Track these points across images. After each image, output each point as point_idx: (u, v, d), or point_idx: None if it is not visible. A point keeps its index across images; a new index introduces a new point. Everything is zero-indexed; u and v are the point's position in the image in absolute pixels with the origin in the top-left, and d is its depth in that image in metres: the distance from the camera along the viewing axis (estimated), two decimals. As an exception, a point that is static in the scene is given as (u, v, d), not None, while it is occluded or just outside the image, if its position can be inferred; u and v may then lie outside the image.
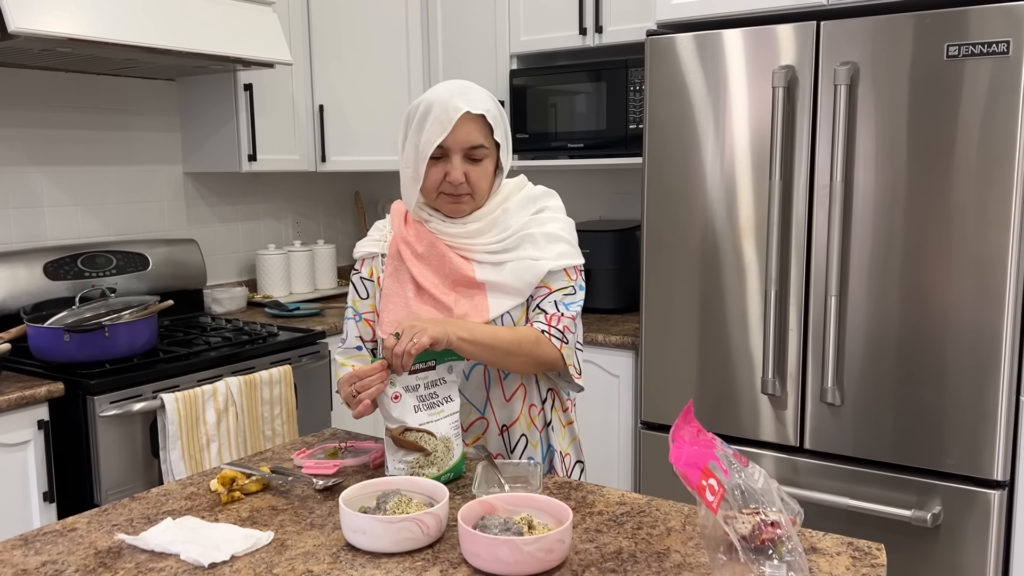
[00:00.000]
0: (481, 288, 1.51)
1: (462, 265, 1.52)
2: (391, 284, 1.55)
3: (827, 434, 2.22)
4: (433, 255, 1.53)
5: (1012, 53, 1.89)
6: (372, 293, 1.61)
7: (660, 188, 2.40)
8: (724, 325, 2.34)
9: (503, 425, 1.58)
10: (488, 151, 1.51)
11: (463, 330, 1.41)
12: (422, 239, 1.54)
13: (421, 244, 1.53)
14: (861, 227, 2.12)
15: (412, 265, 1.53)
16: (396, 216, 1.59)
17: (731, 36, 2.24)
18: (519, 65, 3.07)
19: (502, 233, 1.53)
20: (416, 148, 1.47)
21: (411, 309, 1.52)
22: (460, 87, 1.50)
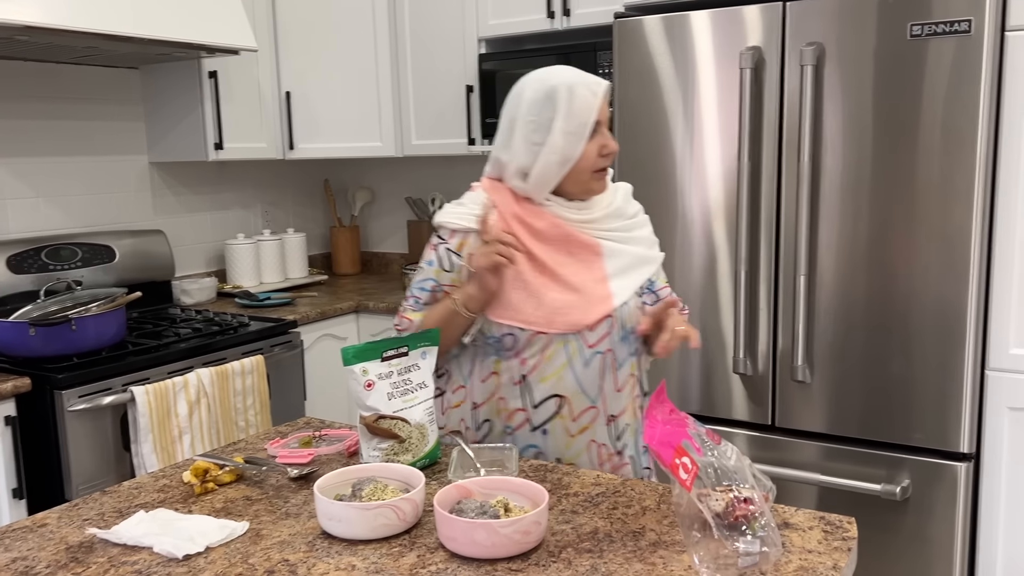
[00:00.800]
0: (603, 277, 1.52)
1: (590, 243, 1.53)
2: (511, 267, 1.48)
3: (798, 411, 2.25)
4: (557, 234, 1.51)
5: (973, 31, 1.91)
6: (456, 268, 1.54)
7: (630, 171, 2.41)
8: (696, 306, 2.36)
9: (611, 415, 1.56)
10: None
11: None
12: (542, 218, 1.51)
13: (542, 223, 1.51)
14: (829, 206, 2.14)
15: (532, 244, 1.50)
16: (498, 193, 1.54)
17: (698, 18, 2.24)
18: (488, 49, 3.05)
19: (619, 222, 1.57)
20: (566, 132, 1.45)
21: (530, 288, 1.49)
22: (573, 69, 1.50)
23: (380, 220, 3.80)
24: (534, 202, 1.52)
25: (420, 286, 1.58)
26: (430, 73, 3.16)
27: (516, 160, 1.49)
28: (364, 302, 3.07)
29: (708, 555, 1.06)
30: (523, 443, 1.54)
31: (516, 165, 1.49)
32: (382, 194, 3.77)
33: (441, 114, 3.16)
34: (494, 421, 1.56)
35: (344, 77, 3.21)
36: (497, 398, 1.54)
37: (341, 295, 3.22)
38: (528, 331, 1.49)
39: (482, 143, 3.06)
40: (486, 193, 1.55)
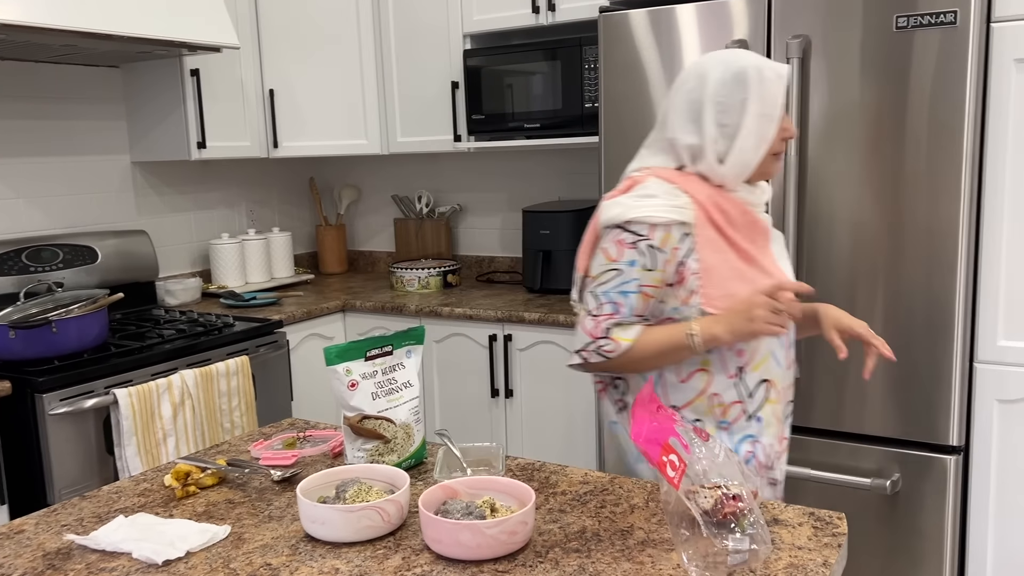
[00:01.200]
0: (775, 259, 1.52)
1: (766, 228, 1.52)
2: (711, 255, 1.43)
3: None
4: (746, 220, 1.47)
5: (959, 23, 1.90)
6: (659, 264, 1.42)
7: (617, 167, 2.39)
8: (684, 302, 2.34)
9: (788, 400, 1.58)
10: None
11: None
12: (735, 206, 1.46)
13: (735, 211, 1.46)
14: (816, 200, 2.13)
15: (732, 233, 1.45)
16: (690, 183, 1.45)
17: (684, 11, 2.23)
18: (473, 45, 3.03)
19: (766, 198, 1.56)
20: (760, 115, 1.42)
21: (744, 276, 1.44)
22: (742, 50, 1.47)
23: (366, 218, 3.78)
24: (725, 189, 1.47)
25: (621, 290, 1.44)
26: (415, 70, 3.13)
27: (710, 144, 1.43)
28: (351, 301, 3.04)
29: (697, 553, 1.05)
30: (739, 434, 1.48)
31: (712, 149, 1.44)
32: (368, 192, 3.75)
33: (427, 111, 3.14)
34: (704, 420, 1.48)
35: (328, 74, 3.18)
36: (708, 395, 1.47)
37: (327, 294, 3.20)
38: None
39: (468, 139, 3.04)
40: (672, 183, 1.45)
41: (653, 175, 1.48)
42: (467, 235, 3.52)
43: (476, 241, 3.50)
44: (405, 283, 3.20)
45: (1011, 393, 2.04)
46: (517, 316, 2.71)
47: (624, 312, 1.44)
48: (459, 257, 3.53)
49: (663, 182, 1.46)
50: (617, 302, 1.44)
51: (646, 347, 1.43)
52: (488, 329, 2.79)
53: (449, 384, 2.91)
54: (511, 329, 2.75)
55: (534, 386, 2.75)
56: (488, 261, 3.47)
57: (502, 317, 2.74)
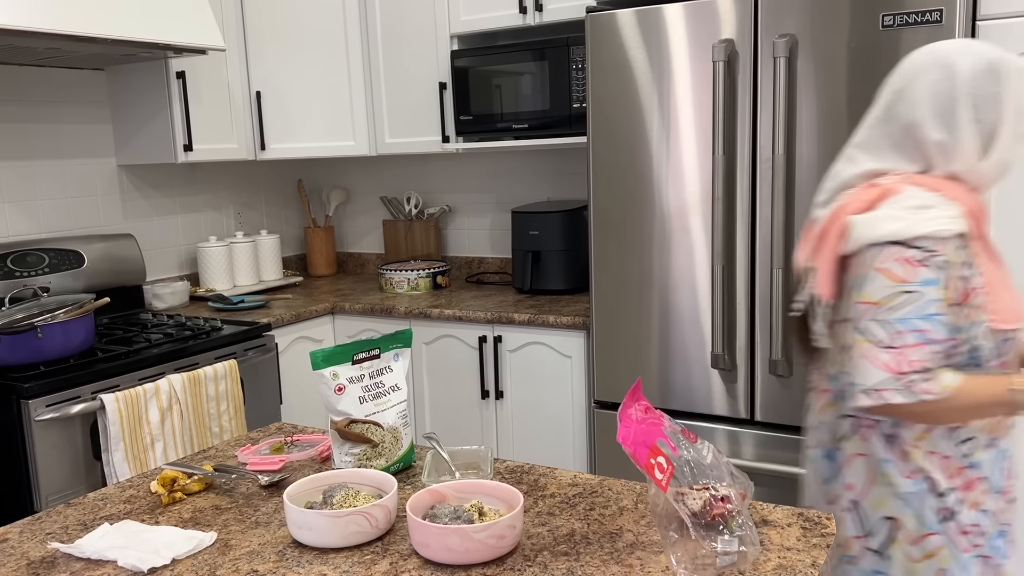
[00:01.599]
0: None
1: None
2: (988, 267, 1.33)
3: (777, 406, 2.24)
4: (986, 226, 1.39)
5: (945, 21, 1.91)
6: (949, 283, 1.30)
7: (606, 167, 2.39)
8: (674, 302, 2.35)
9: None
10: None
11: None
12: (984, 211, 1.37)
13: (983, 217, 1.37)
14: (804, 199, 2.13)
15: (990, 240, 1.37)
16: (953, 190, 1.34)
17: (671, 10, 2.23)
18: (460, 46, 3.02)
19: None
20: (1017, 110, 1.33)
21: (1009, 288, 1.35)
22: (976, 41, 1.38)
23: (355, 220, 3.76)
24: (976, 191, 1.37)
25: (922, 315, 1.28)
26: (403, 71, 3.13)
27: (968, 141, 1.32)
28: (340, 303, 3.03)
29: (686, 555, 1.04)
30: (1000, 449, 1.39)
31: (971, 147, 1.33)
32: (357, 194, 3.73)
33: (415, 112, 3.13)
34: (978, 437, 1.37)
35: (316, 76, 3.17)
36: None
37: (316, 296, 3.18)
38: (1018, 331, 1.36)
39: (456, 140, 3.03)
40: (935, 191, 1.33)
41: (908, 182, 1.35)
42: (456, 236, 3.51)
43: (465, 242, 3.49)
44: (394, 285, 3.19)
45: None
46: (507, 317, 2.70)
47: (936, 340, 1.28)
48: (448, 258, 3.52)
49: (925, 191, 1.33)
50: (923, 329, 1.28)
51: (965, 397, 1.27)
52: (478, 330, 2.78)
53: (439, 386, 2.90)
54: (501, 330, 2.74)
55: (524, 387, 2.74)
56: (477, 262, 3.46)
57: (491, 318, 2.73)
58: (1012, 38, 1.92)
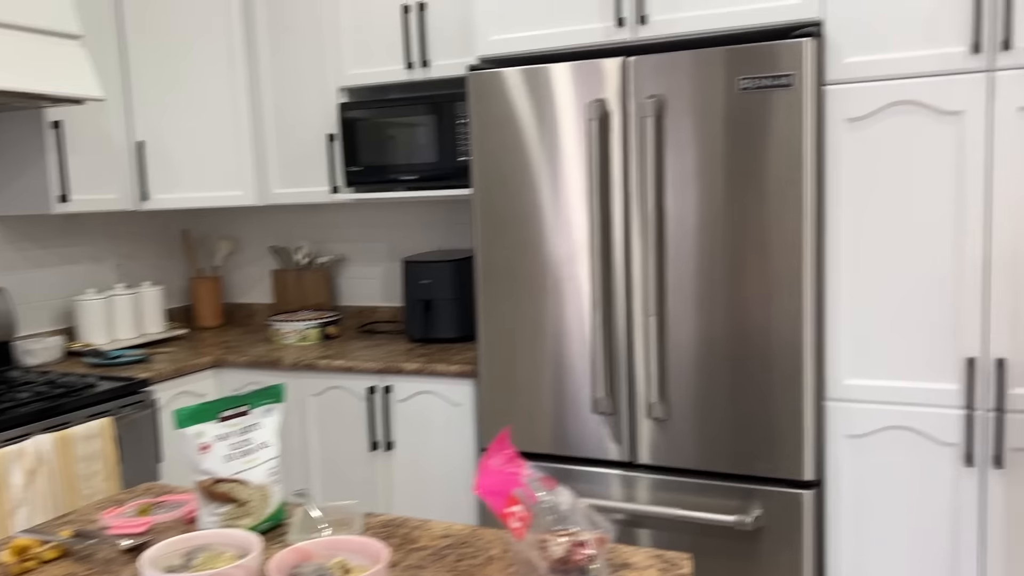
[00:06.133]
0: None
1: None
2: None
3: (657, 448, 2.31)
4: None
5: (795, 85, 2.06)
6: None
7: (491, 218, 2.45)
8: (558, 349, 2.40)
9: None
10: None
11: None
12: None
13: None
14: (675, 250, 2.23)
15: None
16: None
17: (547, 71, 2.32)
18: (349, 98, 3.05)
19: None
20: None
21: None
22: None
23: (244, 270, 3.70)
24: None
25: None
26: (291, 121, 3.13)
27: None
28: (224, 356, 2.96)
29: (544, 603, 1.07)
30: None
31: None
32: (245, 243, 3.68)
33: (303, 162, 3.13)
34: None
35: (202, 126, 3.14)
36: None
37: (201, 349, 3.11)
38: None
39: (346, 191, 3.04)
40: None
41: None
42: (348, 285, 3.50)
43: (358, 291, 3.49)
44: (283, 336, 3.14)
45: (859, 428, 2.18)
46: (396, 367, 2.71)
47: None
48: (340, 308, 3.50)
49: None
50: None
51: None
52: (367, 381, 2.77)
53: (328, 439, 2.87)
54: (390, 380, 2.74)
55: (415, 438, 2.74)
56: (370, 311, 3.45)
57: (381, 368, 2.73)
58: (853, 102, 2.09)
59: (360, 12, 2.94)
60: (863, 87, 2.08)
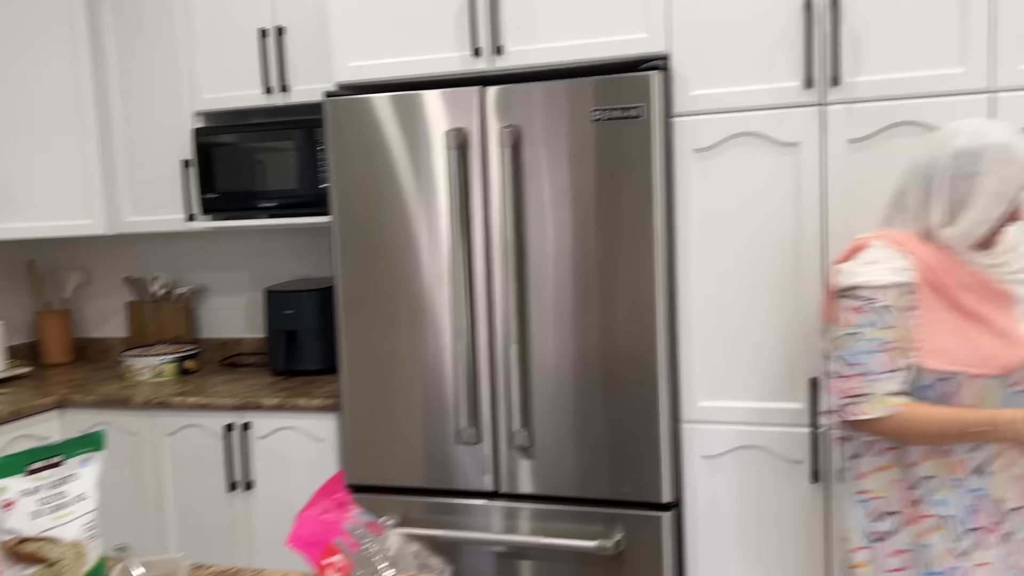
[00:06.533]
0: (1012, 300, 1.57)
1: (1003, 290, 1.58)
2: (929, 314, 1.56)
3: (519, 477, 2.30)
4: (976, 283, 1.57)
5: (644, 116, 2.12)
6: (896, 323, 1.57)
7: (351, 246, 2.40)
8: (422, 379, 2.37)
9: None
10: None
11: None
12: (962, 268, 1.58)
13: (962, 273, 1.57)
14: (535, 278, 2.24)
15: (958, 293, 1.56)
16: (915, 245, 1.59)
17: (406, 99, 2.30)
18: (205, 122, 2.94)
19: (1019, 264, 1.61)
20: (992, 193, 1.52)
21: (961, 333, 1.55)
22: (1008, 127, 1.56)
23: (96, 302, 3.49)
24: (952, 251, 1.58)
25: (865, 351, 1.58)
26: (144, 147, 2.99)
27: (935, 208, 1.56)
28: (71, 395, 2.78)
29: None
30: (968, 488, 1.58)
31: (939, 215, 1.56)
32: (98, 274, 3.48)
33: (157, 189, 2.99)
34: (940, 476, 1.59)
35: (47, 153, 2.95)
36: (942, 450, 1.58)
37: (45, 388, 2.90)
38: (965, 374, 1.54)
39: (203, 218, 2.92)
40: (898, 245, 1.59)
41: (879, 237, 1.62)
42: (210, 316, 3.35)
43: (220, 323, 3.35)
44: (136, 372, 2.97)
45: (713, 449, 2.23)
46: (255, 402, 2.60)
47: (872, 372, 1.57)
48: (201, 340, 3.35)
49: (888, 245, 1.60)
50: (858, 363, 1.58)
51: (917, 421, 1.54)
52: (224, 418, 2.65)
53: (183, 481, 2.72)
54: (249, 416, 2.63)
55: (276, 476, 2.63)
56: (233, 343, 3.32)
57: (239, 404, 2.62)
58: (699, 133, 2.17)
59: (216, 35, 2.85)
60: (708, 119, 2.16)
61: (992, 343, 1.55)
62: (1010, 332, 1.56)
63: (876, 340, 1.57)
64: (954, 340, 1.56)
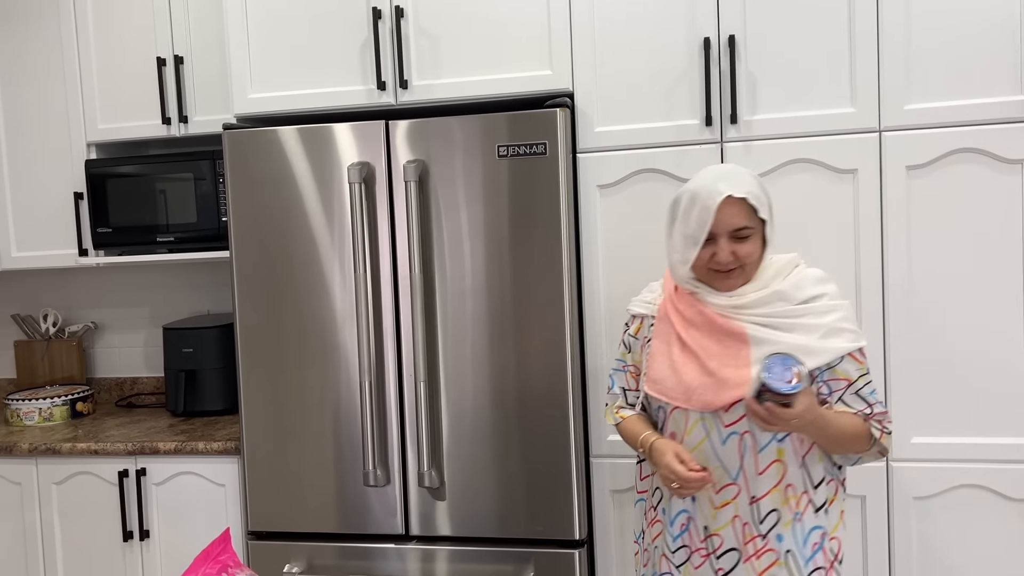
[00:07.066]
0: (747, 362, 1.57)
1: (731, 324, 1.60)
2: (657, 344, 1.68)
3: (430, 518, 2.25)
4: (702, 321, 1.62)
5: (549, 153, 2.12)
6: (635, 349, 1.77)
7: (250, 282, 2.32)
8: (328, 419, 2.30)
9: (753, 496, 1.61)
10: (753, 229, 1.59)
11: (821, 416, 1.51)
12: (691, 307, 1.64)
13: (690, 311, 1.64)
14: (446, 313, 2.21)
15: (681, 328, 1.64)
16: (668, 283, 1.72)
17: (310, 132, 2.25)
18: (100, 154, 2.82)
19: (772, 308, 1.59)
20: (684, 236, 1.60)
21: (675, 366, 1.63)
22: (722, 172, 1.60)
23: (-20, 342, 3.29)
24: (689, 291, 1.66)
25: (614, 367, 1.84)
26: (32, 179, 2.83)
27: (668, 252, 1.67)
28: (-53, 444, 2.59)
29: None
30: (677, 508, 1.68)
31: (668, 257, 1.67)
32: (-18, 312, 3.27)
33: (47, 223, 2.84)
34: (661, 488, 1.72)
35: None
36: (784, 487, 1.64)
37: (-81, 437, 2.69)
38: (670, 404, 1.64)
39: (96, 254, 2.78)
40: (664, 280, 1.75)
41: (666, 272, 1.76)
42: (105, 355, 3.19)
43: (116, 362, 3.19)
44: (23, 416, 2.80)
45: (621, 483, 2.23)
46: (151, 447, 2.47)
47: (614, 388, 1.83)
48: (96, 380, 3.18)
49: (661, 280, 1.78)
50: (612, 378, 1.84)
51: (627, 431, 1.75)
52: (118, 464, 2.51)
53: (74, 531, 2.56)
54: (145, 462, 2.50)
55: (174, 524, 2.50)
56: (131, 383, 3.16)
57: (133, 449, 2.48)
58: (603, 169, 2.19)
59: (111, 64, 2.74)
60: (611, 155, 2.18)
61: (699, 380, 1.60)
62: (718, 372, 1.59)
63: (621, 361, 1.82)
64: (668, 372, 1.65)
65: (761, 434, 1.59)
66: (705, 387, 1.60)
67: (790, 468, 1.61)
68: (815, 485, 1.63)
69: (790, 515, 1.61)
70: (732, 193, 1.55)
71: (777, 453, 1.60)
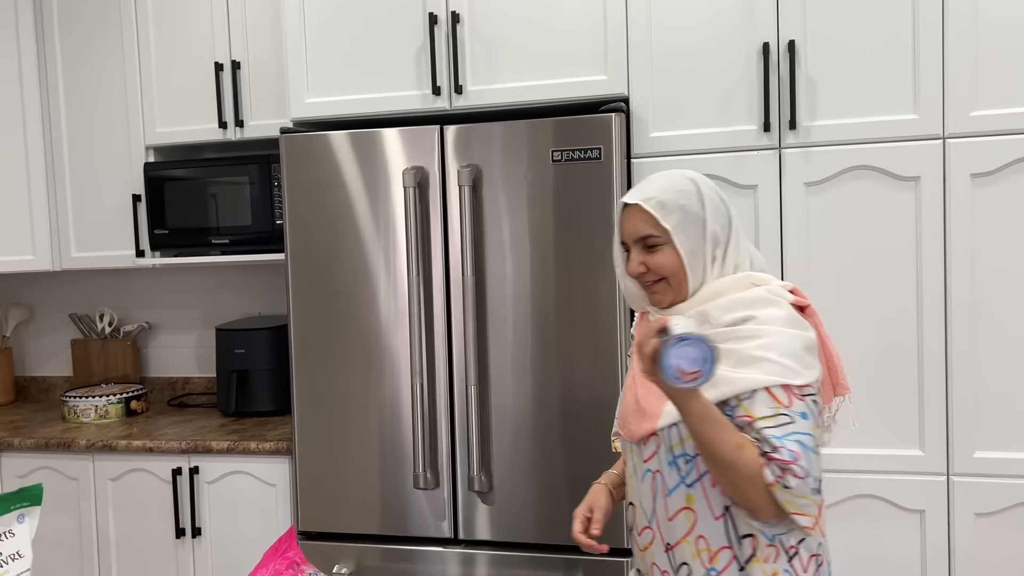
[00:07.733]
0: None
1: None
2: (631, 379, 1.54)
3: (479, 522, 2.25)
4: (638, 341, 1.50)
5: (604, 158, 2.12)
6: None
7: (306, 285, 2.34)
8: (378, 422, 2.31)
9: (667, 543, 1.44)
10: (660, 238, 1.43)
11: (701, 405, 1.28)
12: (640, 328, 1.56)
13: (639, 333, 1.54)
14: (496, 317, 2.21)
15: (633, 352, 1.55)
16: None
17: (365, 136, 2.27)
18: (157, 157, 2.87)
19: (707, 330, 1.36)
20: (617, 244, 1.53)
21: (625, 392, 1.54)
22: (648, 179, 1.49)
23: (39, 340, 3.37)
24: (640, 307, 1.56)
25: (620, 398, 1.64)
26: (93, 181, 2.90)
27: None
28: (8, 438, 2.65)
29: None
30: None
31: None
32: (41, 311, 3.36)
33: (105, 224, 2.90)
34: None
35: (-13, 183, 2.85)
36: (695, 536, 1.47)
37: (-19, 432, 2.77)
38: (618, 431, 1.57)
39: (152, 255, 2.84)
40: None
41: None
42: (158, 355, 3.25)
43: (168, 362, 3.24)
44: (80, 413, 2.86)
45: (674, 492, 2.21)
46: (204, 446, 2.51)
47: None
48: (148, 380, 3.24)
49: None
50: None
51: None
52: (172, 462, 2.55)
53: (128, 527, 2.61)
54: (198, 460, 2.54)
55: (225, 522, 2.53)
56: (182, 383, 3.22)
57: (187, 448, 2.52)
58: (661, 174, 2.17)
59: (170, 69, 2.80)
60: (667, 161, 2.17)
61: (631, 408, 1.49)
62: (643, 400, 1.46)
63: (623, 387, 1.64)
64: (622, 397, 1.56)
65: (669, 475, 1.41)
66: (631, 416, 1.48)
67: (701, 518, 1.39)
68: (740, 540, 1.38)
69: (702, 570, 1.40)
70: (628, 200, 1.46)
71: (686, 500, 1.40)
